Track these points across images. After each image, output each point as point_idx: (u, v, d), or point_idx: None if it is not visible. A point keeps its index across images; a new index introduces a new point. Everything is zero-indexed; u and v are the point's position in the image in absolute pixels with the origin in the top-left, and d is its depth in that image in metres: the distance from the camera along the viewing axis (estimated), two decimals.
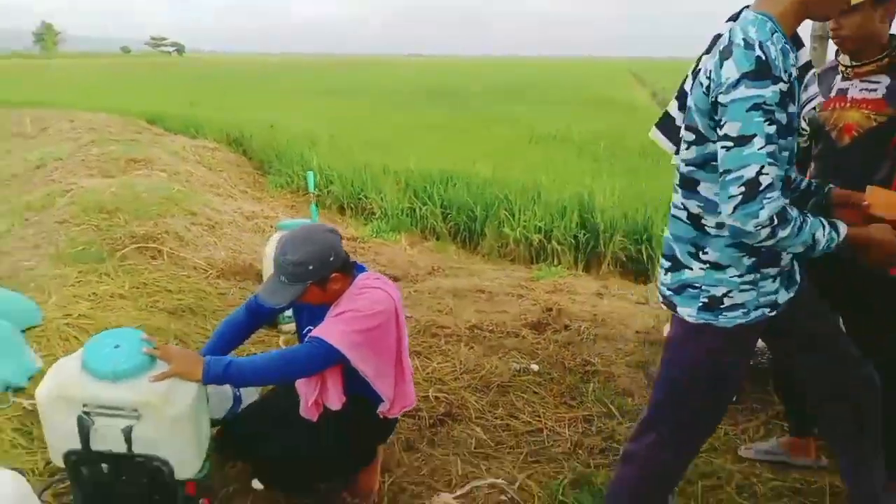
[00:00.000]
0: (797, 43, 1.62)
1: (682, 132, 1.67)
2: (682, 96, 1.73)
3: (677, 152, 1.74)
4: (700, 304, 1.70)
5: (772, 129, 1.44)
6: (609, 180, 7.19)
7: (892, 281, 2.08)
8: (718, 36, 1.61)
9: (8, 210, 5.68)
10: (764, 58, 1.43)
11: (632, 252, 5.72)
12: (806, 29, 3.12)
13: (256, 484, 2.24)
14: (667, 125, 1.80)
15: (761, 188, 1.43)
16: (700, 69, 1.62)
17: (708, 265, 1.68)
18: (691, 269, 1.71)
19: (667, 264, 1.79)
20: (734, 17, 1.60)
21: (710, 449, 2.76)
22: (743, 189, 1.44)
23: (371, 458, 2.36)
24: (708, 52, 1.64)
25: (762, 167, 1.43)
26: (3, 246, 4.64)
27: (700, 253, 1.69)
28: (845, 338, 1.95)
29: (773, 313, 1.73)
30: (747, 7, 1.60)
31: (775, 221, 1.45)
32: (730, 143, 1.46)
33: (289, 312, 3.23)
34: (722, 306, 1.68)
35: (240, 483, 2.39)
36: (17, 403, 2.58)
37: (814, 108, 1.76)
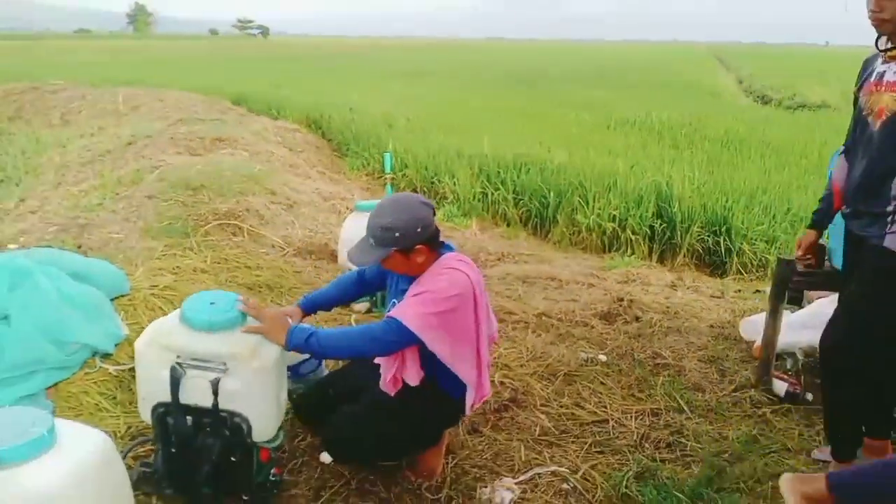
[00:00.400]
0: None
1: None
2: None
3: None
4: None
5: None
6: (689, 169, 6.98)
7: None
8: None
9: (101, 184, 5.99)
10: None
11: (709, 244, 5.56)
12: None
13: (325, 457, 2.31)
14: None
15: None
16: None
17: None
18: None
19: None
20: None
21: (783, 449, 2.68)
22: None
23: (437, 440, 2.39)
24: None
25: None
26: (95, 218, 4.89)
27: None
28: None
29: None
30: None
31: None
32: None
33: None
34: None
35: (308, 456, 2.47)
36: (104, 369, 2.73)
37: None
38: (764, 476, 2.48)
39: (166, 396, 1.90)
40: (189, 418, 1.93)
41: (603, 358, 3.43)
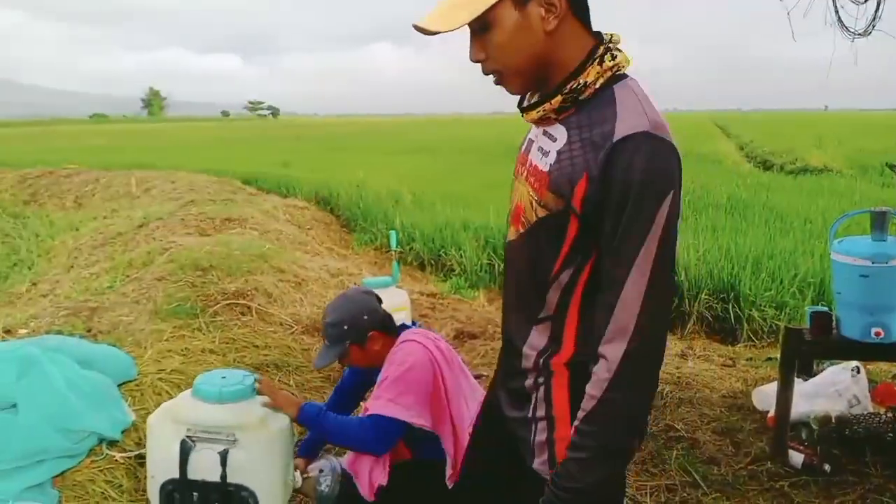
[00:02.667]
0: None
1: None
2: None
3: None
4: None
5: None
6: (693, 236, 7.02)
7: None
8: None
9: (111, 267, 6.07)
10: None
11: (718, 311, 5.53)
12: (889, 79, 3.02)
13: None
14: None
15: None
16: None
17: None
18: None
19: None
20: None
21: None
22: None
23: None
24: None
25: None
26: (105, 302, 4.94)
27: None
28: None
29: None
30: None
31: None
32: None
33: None
34: None
35: None
36: (110, 456, 2.71)
37: None
38: None
39: (175, 473, 1.91)
40: (195, 494, 1.93)
41: None
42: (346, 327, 2.10)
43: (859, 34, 3.31)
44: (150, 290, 5.20)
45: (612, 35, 1.26)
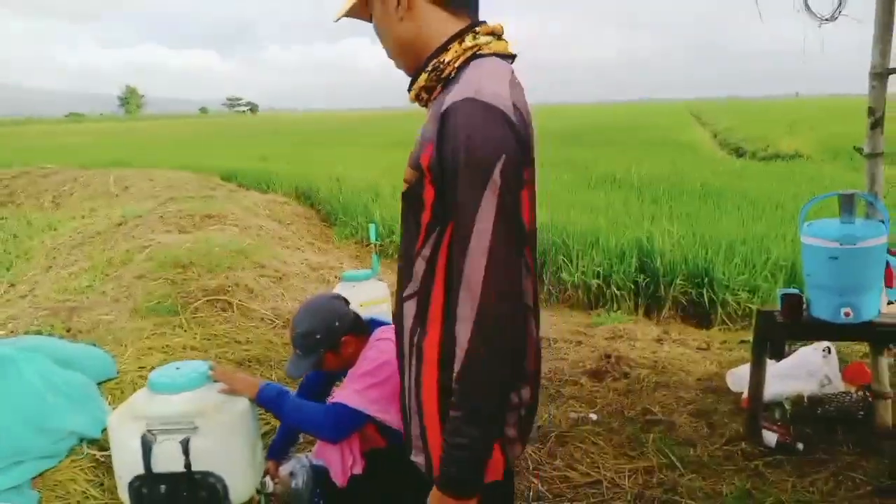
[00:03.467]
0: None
1: None
2: None
3: None
4: None
5: None
6: (668, 223, 7.10)
7: None
8: None
9: (90, 266, 6.03)
10: None
11: (693, 296, 5.61)
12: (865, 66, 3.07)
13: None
14: None
15: None
16: None
17: None
18: None
19: None
20: None
21: (777, 502, 2.67)
22: None
23: None
24: None
25: None
26: (84, 301, 4.92)
27: None
28: None
29: None
30: None
31: None
32: None
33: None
34: None
35: None
36: (91, 454, 2.72)
37: None
38: None
39: (141, 469, 1.92)
40: (163, 487, 1.94)
41: (594, 417, 3.44)
42: (318, 336, 2.11)
43: (826, 19, 3.37)
44: (129, 288, 5.18)
45: (491, 24, 1.31)
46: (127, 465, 1.95)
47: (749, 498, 2.71)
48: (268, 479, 2.30)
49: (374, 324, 2.27)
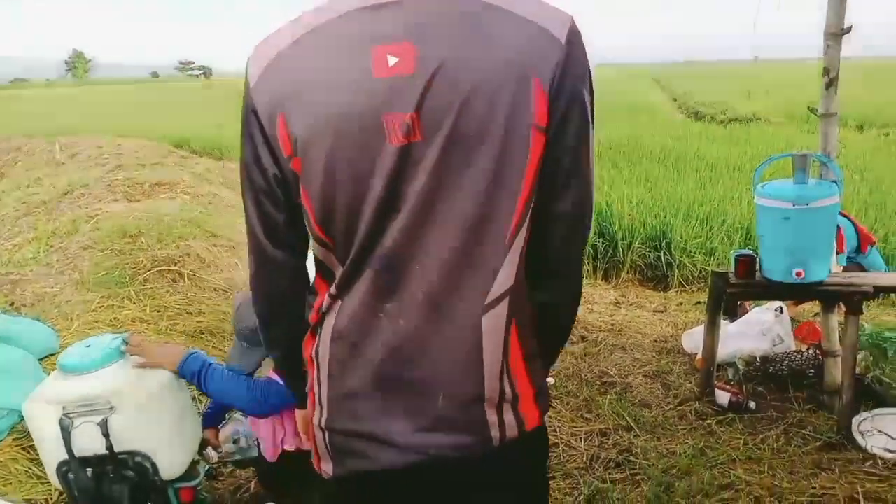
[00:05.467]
0: None
1: None
2: None
3: None
4: None
5: None
6: (628, 187, 7.13)
7: None
8: None
9: (34, 237, 5.81)
10: None
11: (650, 259, 5.66)
12: (819, 26, 3.06)
13: None
14: None
15: None
16: None
17: None
18: None
19: None
20: None
21: (729, 460, 2.71)
22: None
23: None
24: None
25: None
26: (28, 274, 4.74)
27: None
28: None
29: None
30: None
31: None
32: None
33: None
34: None
35: None
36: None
37: None
38: (711, 489, 2.51)
39: (65, 454, 1.83)
40: (89, 470, 1.86)
41: (551, 381, 3.44)
42: None
43: None
44: (75, 259, 5.00)
45: None
46: (50, 451, 1.85)
47: (702, 456, 2.75)
48: (209, 449, 2.23)
49: None
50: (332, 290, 1.06)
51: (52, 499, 2.35)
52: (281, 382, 1.98)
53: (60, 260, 5.03)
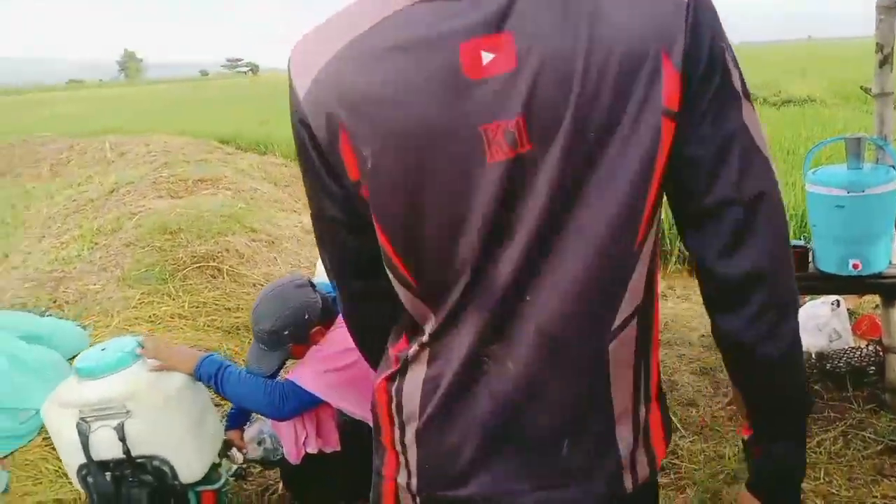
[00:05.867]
0: None
1: None
2: None
3: None
4: None
5: None
6: None
7: None
8: None
9: (79, 235, 5.91)
10: None
11: None
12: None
13: None
14: None
15: None
16: None
17: None
18: None
19: None
20: None
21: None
22: None
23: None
24: None
25: None
26: (72, 271, 4.81)
27: None
28: None
29: None
30: None
31: None
32: None
33: None
34: None
35: None
36: None
37: None
38: None
39: (84, 458, 1.82)
40: (108, 474, 1.84)
41: None
42: (286, 332, 1.93)
43: None
44: (117, 256, 5.06)
45: None
46: (69, 454, 1.85)
47: None
48: (234, 450, 2.19)
49: None
50: (424, 337, 0.89)
51: (80, 499, 2.34)
52: (301, 385, 1.91)
53: (103, 257, 5.09)
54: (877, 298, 3.47)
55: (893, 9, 2.73)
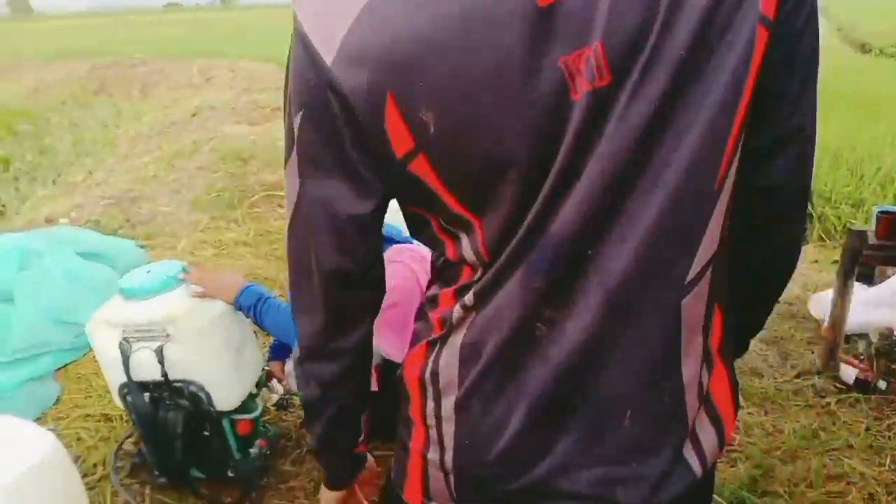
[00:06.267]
0: None
1: None
2: None
3: None
4: None
5: None
6: None
7: None
8: None
9: (159, 157, 6.07)
10: None
11: None
12: None
13: None
14: None
15: None
16: None
17: None
18: None
19: None
20: None
21: (845, 446, 2.37)
22: None
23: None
24: None
25: None
26: (147, 191, 4.94)
27: None
28: None
29: None
30: None
31: None
32: None
33: None
34: None
35: None
36: None
37: None
38: (818, 479, 2.20)
39: (125, 377, 1.84)
40: (146, 395, 1.86)
41: None
42: None
43: None
44: (191, 180, 5.17)
45: None
46: (111, 372, 1.87)
47: (814, 438, 2.42)
48: (274, 381, 2.18)
49: (387, 241, 2.03)
50: (469, 297, 0.78)
51: (125, 416, 2.41)
52: None
53: (177, 179, 5.21)
54: None
55: None
